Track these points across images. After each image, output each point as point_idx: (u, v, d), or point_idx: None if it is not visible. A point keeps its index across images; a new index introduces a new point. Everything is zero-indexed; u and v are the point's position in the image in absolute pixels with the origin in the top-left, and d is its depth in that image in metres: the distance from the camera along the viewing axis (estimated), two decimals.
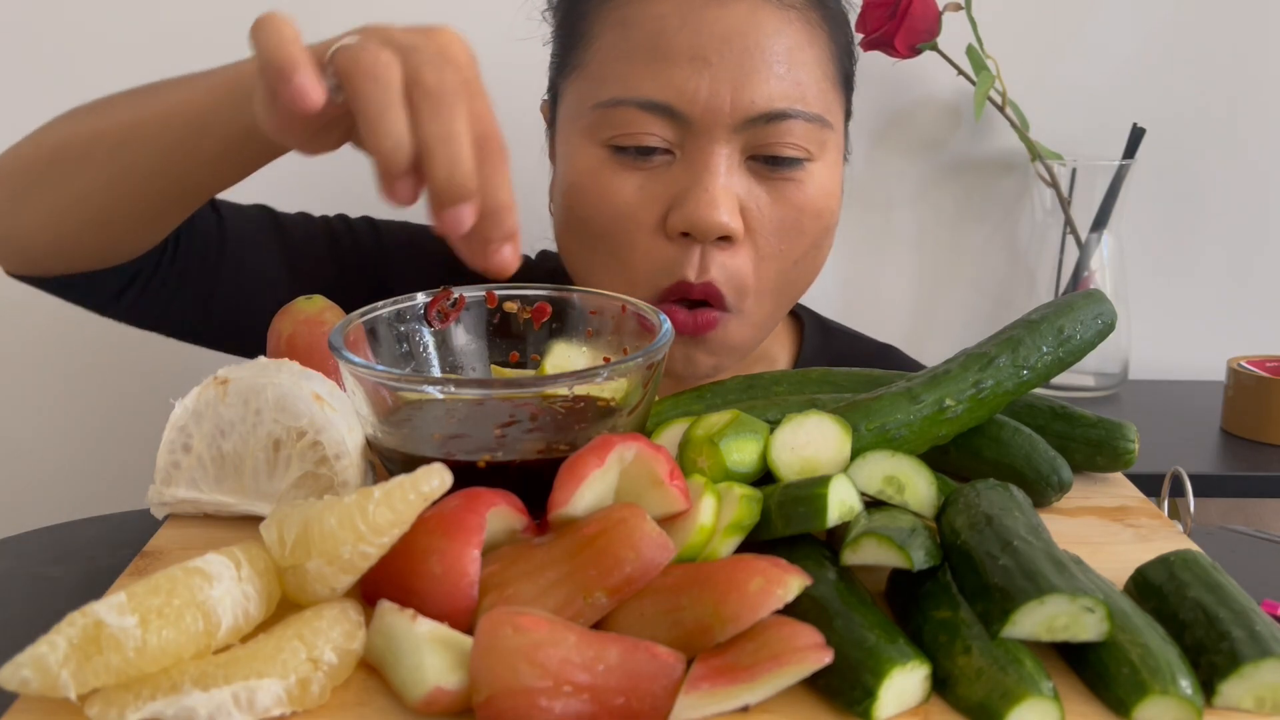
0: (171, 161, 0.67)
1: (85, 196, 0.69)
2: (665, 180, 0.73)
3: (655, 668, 0.40)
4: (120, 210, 0.70)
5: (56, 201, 0.70)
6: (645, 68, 0.72)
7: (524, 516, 0.48)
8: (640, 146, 0.72)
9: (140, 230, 0.73)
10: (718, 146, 0.72)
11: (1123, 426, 0.60)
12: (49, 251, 0.74)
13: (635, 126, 0.72)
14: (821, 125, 0.74)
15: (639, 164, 0.73)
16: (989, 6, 1.22)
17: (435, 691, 0.39)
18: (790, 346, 0.94)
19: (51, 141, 0.71)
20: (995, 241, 1.35)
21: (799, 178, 0.74)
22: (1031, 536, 0.45)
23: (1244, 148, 1.33)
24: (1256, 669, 0.40)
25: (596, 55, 0.75)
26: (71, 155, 0.69)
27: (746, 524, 0.48)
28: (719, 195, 0.71)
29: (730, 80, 0.71)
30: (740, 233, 0.73)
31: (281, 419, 0.52)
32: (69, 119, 0.72)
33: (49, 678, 0.38)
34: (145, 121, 0.67)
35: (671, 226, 0.73)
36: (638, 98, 0.72)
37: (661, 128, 0.72)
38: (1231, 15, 1.29)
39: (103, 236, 0.73)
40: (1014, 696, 0.39)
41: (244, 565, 0.43)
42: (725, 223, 0.71)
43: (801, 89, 0.73)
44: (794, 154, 0.73)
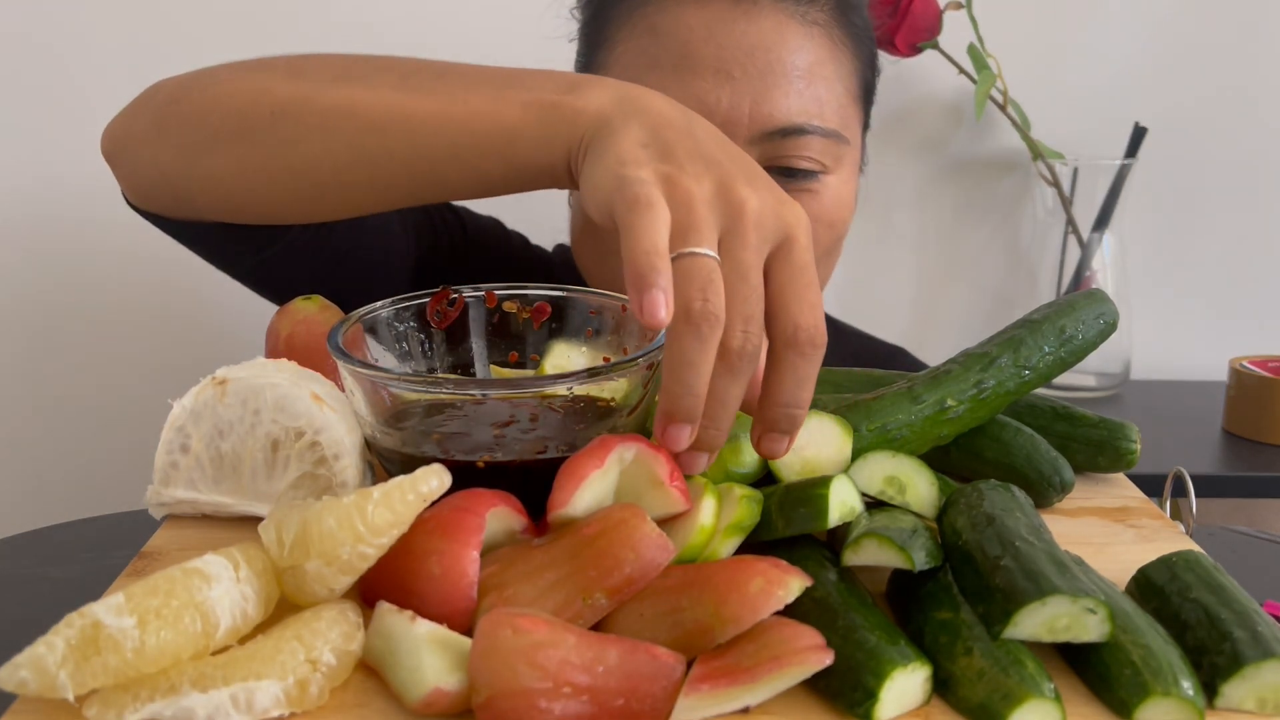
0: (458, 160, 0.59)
1: (308, 168, 0.62)
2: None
3: (655, 669, 0.40)
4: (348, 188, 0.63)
5: (267, 162, 0.63)
6: (671, 77, 0.72)
7: (523, 517, 0.48)
8: None
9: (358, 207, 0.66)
10: None
11: (1124, 427, 0.60)
12: (222, 203, 0.67)
13: None
14: (838, 141, 0.75)
15: None
16: (990, 6, 1.22)
17: (434, 692, 0.39)
18: None
19: (274, 95, 0.62)
20: (996, 241, 1.35)
21: (814, 189, 0.75)
22: (1033, 537, 0.45)
23: (1246, 147, 1.33)
24: (1258, 670, 0.40)
25: (621, 60, 0.76)
26: (306, 120, 0.61)
27: (747, 525, 0.48)
28: None
29: (751, 94, 0.72)
30: None
31: (280, 419, 0.52)
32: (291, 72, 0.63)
33: (47, 678, 0.37)
34: (427, 112, 0.59)
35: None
36: None
37: None
38: (1232, 15, 1.29)
39: (306, 207, 0.66)
40: (1015, 698, 0.39)
41: (242, 566, 0.43)
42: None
43: (820, 105, 0.74)
44: (809, 166, 0.74)
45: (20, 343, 1.25)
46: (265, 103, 0.62)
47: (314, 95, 0.61)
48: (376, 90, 0.60)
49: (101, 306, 1.24)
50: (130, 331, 1.26)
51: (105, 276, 1.23)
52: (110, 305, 1.24)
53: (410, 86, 0.60)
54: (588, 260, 0.80)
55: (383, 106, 0.59)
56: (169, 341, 1.25)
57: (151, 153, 0.66)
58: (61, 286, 1.23)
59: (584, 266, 0.81)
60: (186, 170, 0.66)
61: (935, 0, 1.18)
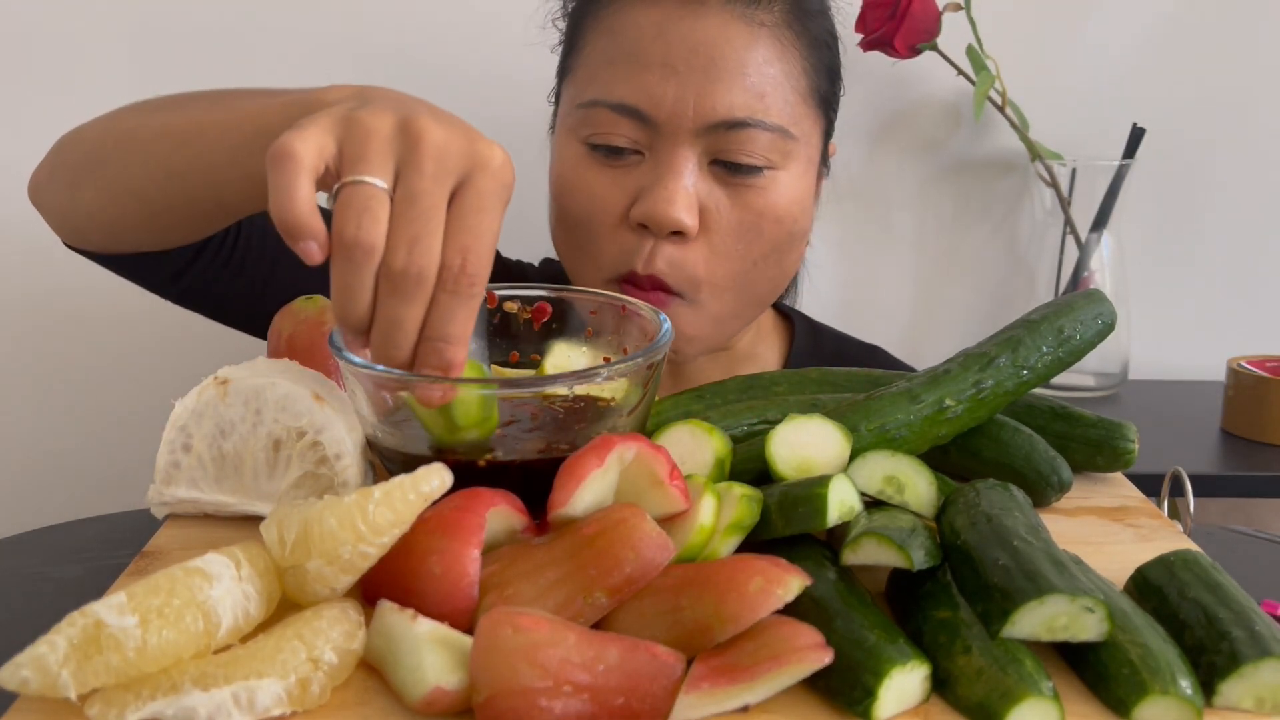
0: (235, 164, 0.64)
1: (140, 189, 0.68)
2: (633, 177, 0.78)
3: (655, 668, 0.40)
4: (173, 206, 0.69)
5: (111, 187, 0.70)
6: (621, 72, 0.77)
7: (524, 516, 0.48)
8: (611, 145, 0.77)
9: (191, 226, 0.72)
10: (682, 149, 0.76)
11: (1122, 426, 0.60)
12: (103, 233, 0.74)
13: (608, 127, 0.77)
14: (784, 136, 0.77)
15: (611, 162, 0.78)
16: (989, 7, 1.22)
17: (435, 691, 0.39)
18: (780, 348, 0.96)
19: (118, 128, 0.70)
20: (995, 242, 1.35)
21: (760, 184, 0.78)
22: (1031, 536, 0.45)
23: (1244, 147, 1.33)
24: (1256, 669, 0.41)
25: (585, 60, 0.80)
26: (134, 145, 0.68)
27: (746, 524, 0.48)
28: (677, 193, 0.75)
29: (695, 88, 0.75)
30: (693, 230, 0.76)
31: (282, 419, 0.52)
32: (138, 109, 0.71)
33: (49, 678, 0.38)
34: (214, 123, 0.64)
35: (632, 218, 0.77)
36: (611, 100, 0.77)
37: (631, 129, 0.77)
38: (1231, 15, 1.29)
39: (154, 227, 0.72)
40: (1014, 696, 0.39)
41: (244, 565, 0.43)
42: (679, 218, 0.75)
43: (765, 101, 0.76)
44: (754, 162, 0.77)
45: (21, 342, 1.25)
46: (108, 138, 0.70)
47: (141, 124, 0.68)
48: (186, 112, 0.67)
49: (103, 306, 1.24)
50: (132, 331, 1.26)
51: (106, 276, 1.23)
52: (111, 305, 1.24)
53: (211, 106, 0.66)
54: (559, 249, 0.84)
55: (185, 124, 0.65)
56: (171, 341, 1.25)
57: (51, 196, 0.74)
58: (62, 286, 1.23)
59: (559, 255, 0.85)
60: (71, 207, 0.73)
61: (934, 2, 1.18)
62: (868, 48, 1.19)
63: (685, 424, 0.54)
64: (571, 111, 0.80)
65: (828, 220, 1.31)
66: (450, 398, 0.49)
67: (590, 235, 0.79)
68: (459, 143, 0.49)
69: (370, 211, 0.47)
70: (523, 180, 0.54)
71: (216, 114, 0.65)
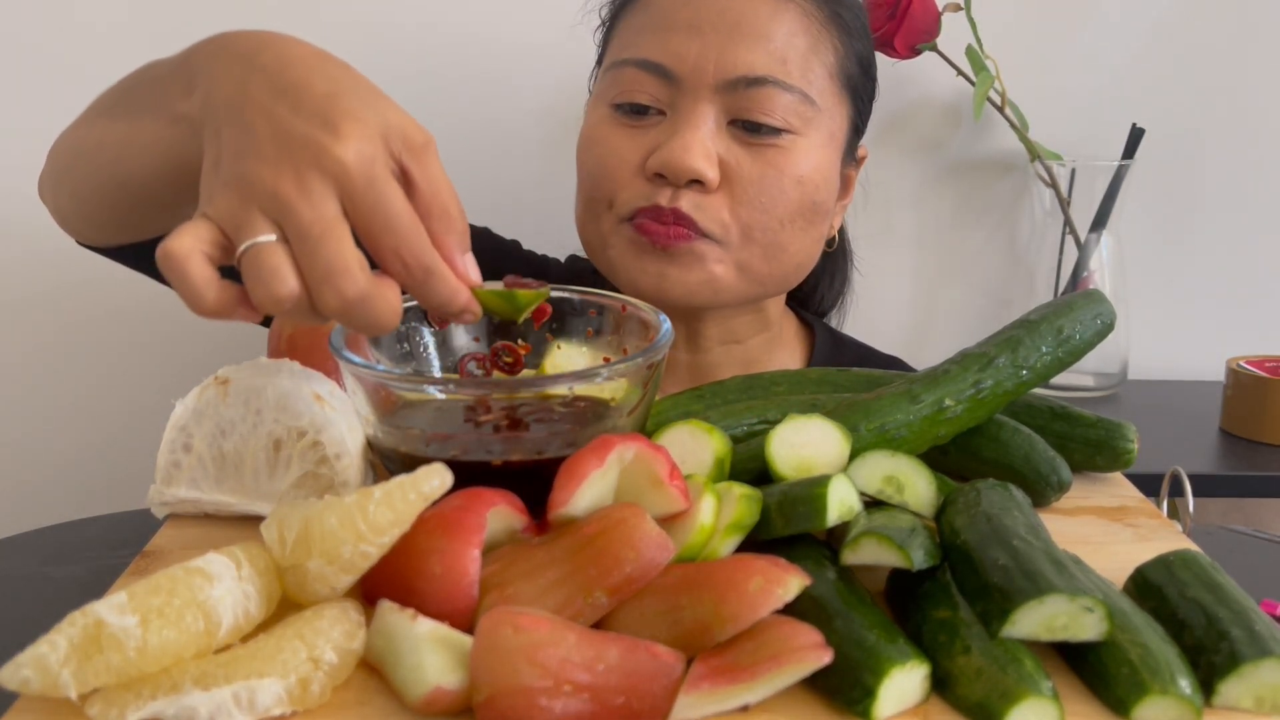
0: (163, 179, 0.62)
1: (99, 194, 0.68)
2: (653, 135, 0.79)
3: (655, 667, 0.40)
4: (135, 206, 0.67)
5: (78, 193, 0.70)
6: (650, 36, 0.79)
7: (524, 516, 0.48)
8: (634, 104, 0.79)
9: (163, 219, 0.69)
10: (701, 105, 0.77)
11: (1122, 426, 0.60)
12: (94, 231, 0.73)
13: (632, 85, 0.79)
14: (805, 101, 0.78)
15: (633, 121, 0.80)
16: (988, 7, 1.22)
17: (435, 691, 0.40)
18: (801, 357, 0.95)
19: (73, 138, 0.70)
20: (994, 242, 1.35)
21: (781, 145, 0.78)
22: (1031, 536, 0.45)
23: (1243, 148, 1.33)
24: (1256, 669, 0.41)
25: (619, 35, 0.83)
26: (82, 158, 0.68)
27: (746, 524, 0.48)
28: (694, 142, 0.76)
29: (718, 45, 0.77)
30: (714, 181, 0.77)
31: (282, 419, 0.52)
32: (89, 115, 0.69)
33: (50, 677, 0.38)
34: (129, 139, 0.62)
35: (649, 168, 0.78)
36: (636, 57, 0.79)
37: (654, 86, 0.78)
38: (1231, 15, 1.29)
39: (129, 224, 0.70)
40: (1013, 696, 0.39)
41: (244, 565, 0.43)
42: (696, 165, 0.76)
43: (786, 65, 0.78)
44: (773, 123, 0.77)
45: (22, 342, 1.25)
46: (69, 147, 0.69)
47: (85, 136, 0.67)
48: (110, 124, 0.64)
49: (103, 306, 1.24)
50: (133, 331, 1.26)
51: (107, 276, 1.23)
52: (112, 305, 1.24)
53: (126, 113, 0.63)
54: (580, 210, 0.85)
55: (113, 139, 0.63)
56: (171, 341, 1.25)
57: (47, 198, 0.75)
58: (63, 286, 1.23)
59: (579, 219, 0.85)
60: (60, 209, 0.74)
61: (934, 2, 1.18)
62: None
63: (685, 424, 0.54)
64: (602, 79, 0.83)
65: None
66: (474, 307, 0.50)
67: (606, 183, 0.80)
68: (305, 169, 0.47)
69: (264, 270, 0.45)
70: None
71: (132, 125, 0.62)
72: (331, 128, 0.47)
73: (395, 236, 0.47)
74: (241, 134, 0.49)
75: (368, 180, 0.47)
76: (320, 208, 0.46)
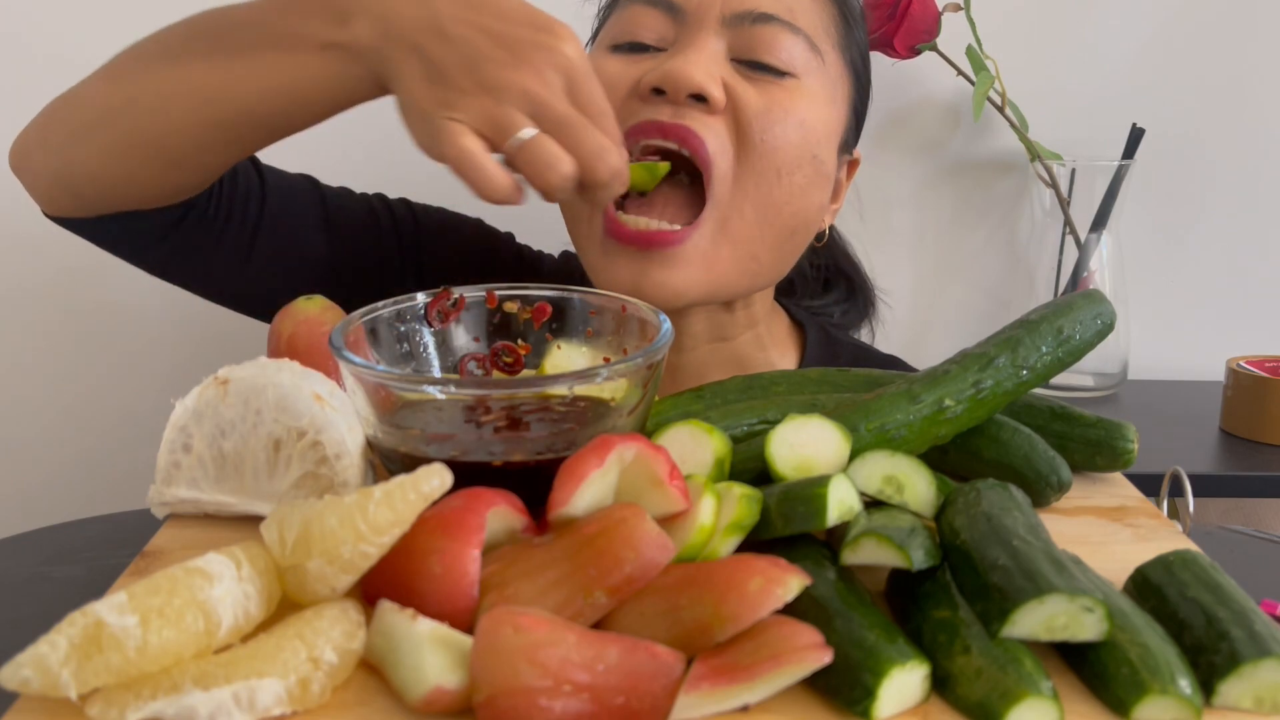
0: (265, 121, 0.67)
1: (158, 140, 0.68)
2: (651, 62, 0.75)
3: (655, 667, 0.40)
4: (197, 153, 0.70)
5: (125, 141, 0.69)
6: None
7: (524, 516, 0.48)
8: (634, 42, 0.76)
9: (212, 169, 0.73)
10: (707, 35, 0.74)
11: (1122, 426, 0.60)
12: (104, 189, 0.72)
13: (634, 22, 0.76)
14: (810, 47, 0.76)
15: (633, 58, 0.76)
16: (988, 7, 1.22)
17: (435, 691, 0.40)
18: (793, 355, 0.92)
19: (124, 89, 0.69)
20: (994, 242, 1.35)
21: (785, 85, 0.75)
22: (1031, 536, 0.45)
23: (1243, 148, 1.33)
24: (1255, 669, 0.41)
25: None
26: (150, 102, 0.68)
27: (746, 524, 0.48)
28: (696, 58, 0.72)
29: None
30: (719, 99, 0.72)
31: (282, 419, 0.52)
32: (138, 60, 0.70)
33: (50, 677, 0.38)
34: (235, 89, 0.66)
35: (645, 84, 0.74)
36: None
37: (657, 21, 0.76)
38: (1231, 16, 1.29)
39: (171, 175, 0.72)
40: (1013, 696, 0.39)
41: (244, 565, 0.43)
42: (700, 80, 0.71)
43: (792, 10, 0.76)
44: (779, 64, 0.75)
45: (22, 342, 1.25)
46: (114, 98, 0.69)
47: (152, 81, 0.68)
48: (196, 65, 0.67)
49: (103, 306, 1.24)
50: (132, 331, 1.26)
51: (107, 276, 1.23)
52: (112, 305, 1.24)
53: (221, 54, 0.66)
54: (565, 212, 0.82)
55: (204, 83, 0.66)
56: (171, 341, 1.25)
57: (43, 157, 0.73)
58: (63, 286, 1.23)
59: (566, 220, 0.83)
60: (66, 170, 0.72)
61: (933, 2, 1.18)
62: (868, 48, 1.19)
63: (685, 424, 0.54)
64: (601, 27, 0.81)
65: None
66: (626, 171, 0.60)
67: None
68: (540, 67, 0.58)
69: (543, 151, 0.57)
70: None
71: (234, 70, 0.66)
72: (549, 30, 0.59)
73: (605, 117, 0.59)
74: (460, 47, 0.58)
75: (588, 72, 0.59)
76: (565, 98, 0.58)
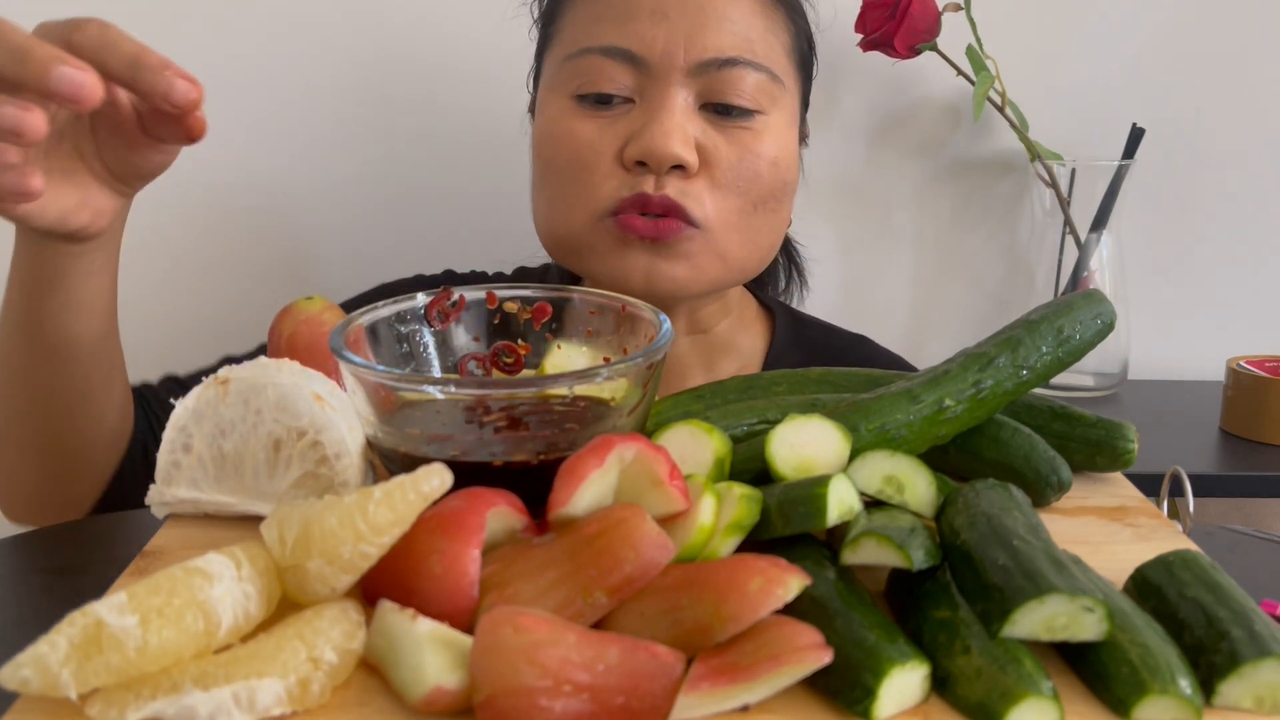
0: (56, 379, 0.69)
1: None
2: (624, 123, 0.78)
3: (655, 667, 0.40)
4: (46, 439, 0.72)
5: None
6: (611, 24, 0.78)
7: (524, 516, 0.48)
8: (601, 93, 0.78)
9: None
10: (674, 89, 0.77)
11: (1122, 426, 0.60)
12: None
13: (598, 74, 0.78)
14: (772, 79, 0.79)
15: (600, 111, 0.79)
16: (988, 7, 1.22)
17: (435, 691, 0.40)
18: (764, 338, 0.95)
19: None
20: (994, 242, 1.35)
21: (753, 127, 0.79)
22: (1031, 536, 0.45)
23: (1243, 148, 1.33)
24: (1256, 669, 0.41)
25: (569, 23, 0.81)
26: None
27: (746, 524, 0.48)
28: (672, 129, 0.76)
29: (686, 30, 0.77)
30: (694, 164, 0.77)
31: (282, 419, 0.52)
32: None
33: (49, 677, 0.38)
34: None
35: (628, 156, 0.77)
36: (601, 44, 0.78)
37: (622, 74, 0.78)
38: (1231, 15, 1.29)
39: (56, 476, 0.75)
40: (1013, 696, 0.39)
41: (244, 565, 0.43)
42: (679, 152, 0.75)
43: (752, 45, 0.78)
44: (745, 104, 0.78)
45: None
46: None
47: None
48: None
49: None
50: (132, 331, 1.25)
51: None
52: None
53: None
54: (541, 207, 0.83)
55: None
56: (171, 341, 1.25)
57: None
58: None
59: (539, 215, 0.84)
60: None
61: (933, 2, 1.18)
62: (867, 48, 1.19)
63: (685, 424, 0.54)
64: (558, 70, 0.80)
65: (827, 220, 1.31)
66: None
67: (582, 176, 0.78)
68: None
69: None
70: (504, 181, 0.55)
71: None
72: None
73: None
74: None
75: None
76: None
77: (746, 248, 0.81)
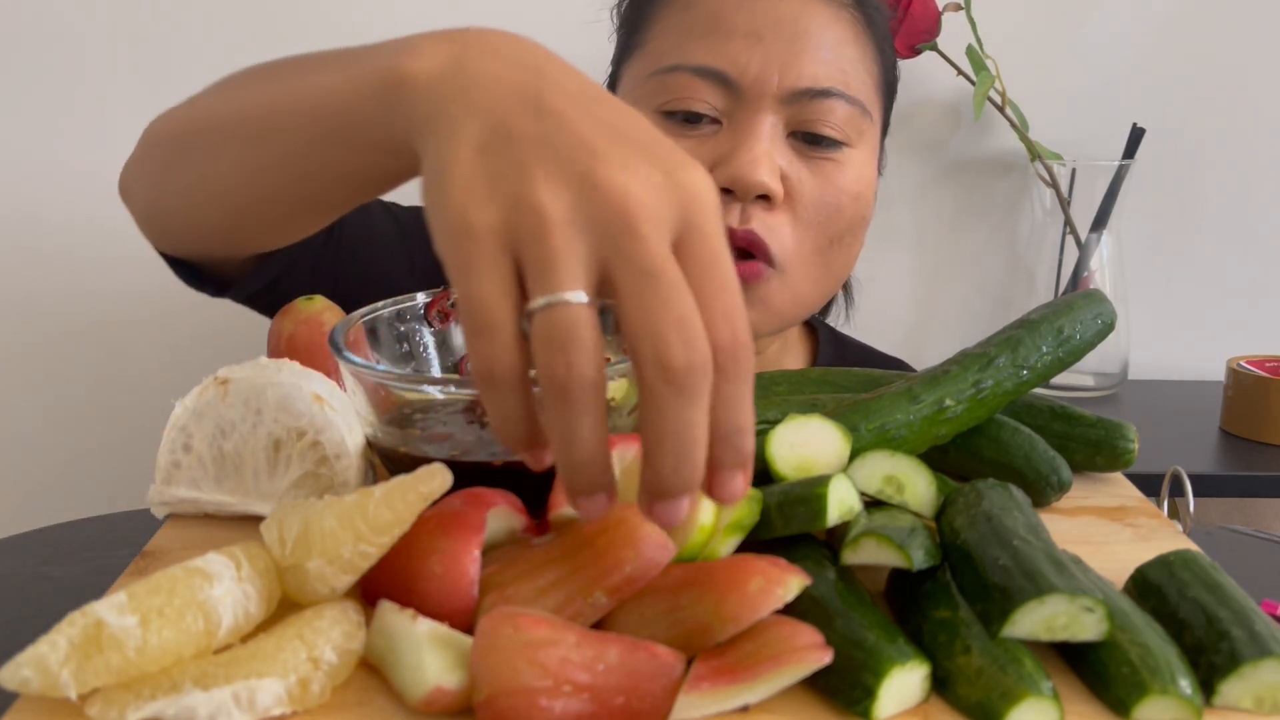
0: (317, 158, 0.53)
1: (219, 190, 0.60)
2: (711, 145, 0.76)
3: (655, 667, 0.40)
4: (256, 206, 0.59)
5: (191, 188, 0.62)
6: (702, 40, 0.76)
7: (524, 516, 0.48)
8: (689, 112, 0.76)
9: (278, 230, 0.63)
10: (764, 116, 0.75)
11: (1122, 426, 0.60)
12: (190, 238, 0.68)
13: (687, 91, 0.76)
14: (862, 112, 0.78)
15: (687, 130, 0.76)
16: (988, 7, 1.22)
17: (435, 691, 0.40)
18: (804, 359, 0.95)
19: (197, 116, 0.61)
20: (995, 242, 1.35)
21: (838, 159, 0.77)
22: (1031, 536, 0.45)
23: (1243, 147, 1.33)
24: (1256, 669, 0.41)
25: (656, 35, 0.79)
26: (211, 138, 0.59)
27: (746, 524, 0.48)
28: (761, 156, 0.74)
29: (780, 56, 0.75)
30: (780, 195, 0.75)
31: (282, 419, 0.52)
32: (222, 89, 0.61)
33: (49, 677, 0.38)
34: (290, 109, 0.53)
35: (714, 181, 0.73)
36: (692, 64, 0.76)
37: (712, 94, 0.76)
38: (1231, 15, 1.29)
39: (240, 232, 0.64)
40: (1013, 696, 0.39)
41: (244, 565, 0.43)
42: (765, 181, 0.74)
43: (845, 75, 0.77)
44: (834, 135, 0.77)
45: (22, 342, 1.25)
46: (188, 129, 0.61)
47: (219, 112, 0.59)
48: (260, 94, 0.55)
49: (104, 306, 1.24)
50: (132, 331, 1.26)
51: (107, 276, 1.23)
52: (112, 305, 1.24)
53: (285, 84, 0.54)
54: None
55: (259, 112, 0.55)
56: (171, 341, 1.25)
57: (137, 195, 0.68)
58: (64, 286, 1.23)
59: None
60: (155, 209, 0.67)
61: (934, 2, 1.18)
62: None
63: None
64: (642, 83, 0.78)
65: None
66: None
67: None
68: (659, 185, 0.39)
69: (576, 340, 0.37)
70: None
71: (291, 96, 0.53)
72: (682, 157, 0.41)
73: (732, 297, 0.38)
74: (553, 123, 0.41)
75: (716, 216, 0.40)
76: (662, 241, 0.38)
77: (820, 287, 0.80)
